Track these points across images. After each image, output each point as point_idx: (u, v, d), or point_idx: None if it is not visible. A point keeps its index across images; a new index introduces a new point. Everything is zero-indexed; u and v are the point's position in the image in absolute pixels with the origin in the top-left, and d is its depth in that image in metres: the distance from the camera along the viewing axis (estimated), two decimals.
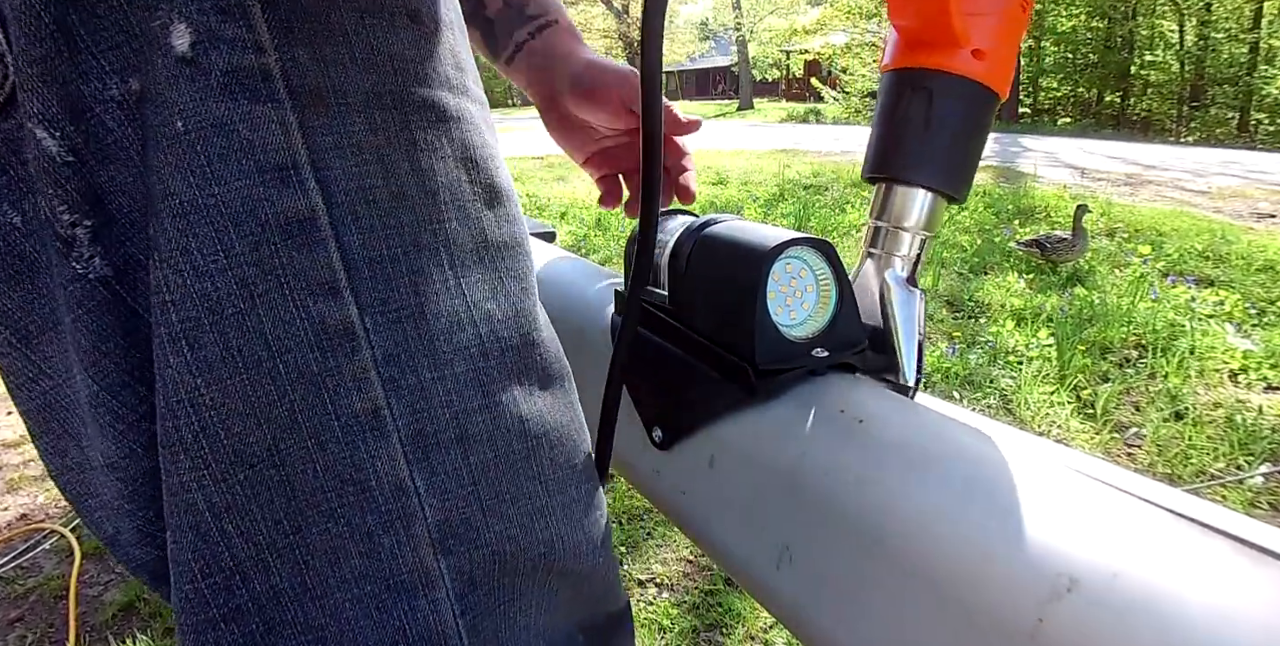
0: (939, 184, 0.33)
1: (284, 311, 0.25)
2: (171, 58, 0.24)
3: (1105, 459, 0.90)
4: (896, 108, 0.33)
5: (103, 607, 1.36)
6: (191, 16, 0.24)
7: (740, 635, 1.24)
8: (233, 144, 0.24)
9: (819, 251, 0.33)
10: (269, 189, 0.24)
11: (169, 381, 0.24)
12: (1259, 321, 2.42)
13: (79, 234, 0.25)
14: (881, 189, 0.35)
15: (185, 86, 0.24)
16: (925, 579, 0.23)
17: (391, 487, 0.27)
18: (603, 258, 3.57)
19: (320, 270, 0.25)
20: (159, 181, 0.24)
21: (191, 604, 0.25)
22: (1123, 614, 0.18)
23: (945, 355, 2.24)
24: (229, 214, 0.24)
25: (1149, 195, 4.83)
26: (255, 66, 0.24)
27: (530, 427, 0.30)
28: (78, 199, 0.25)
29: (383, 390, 0.27)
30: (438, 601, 0.27)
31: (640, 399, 0.40)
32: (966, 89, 0.31)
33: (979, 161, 0.34)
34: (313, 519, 0.26)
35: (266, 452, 0.25)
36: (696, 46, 29.79)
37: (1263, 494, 1.55)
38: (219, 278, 0.24)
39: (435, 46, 0.29)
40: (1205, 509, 0.20)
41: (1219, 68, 12.17)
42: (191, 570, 0.25)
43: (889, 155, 0.34)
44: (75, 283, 0.26)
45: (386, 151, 0.27)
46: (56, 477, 0.30)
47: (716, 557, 0.34)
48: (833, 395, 0.31)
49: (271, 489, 0.25)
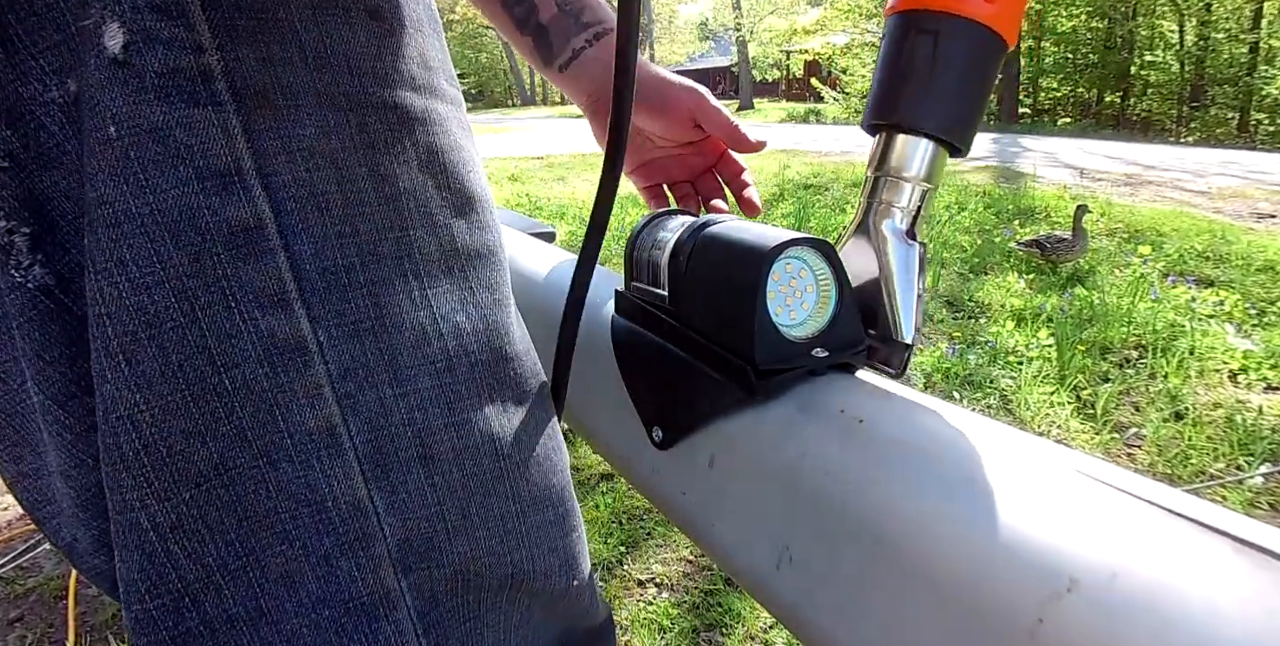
0: (943, 131, 0.32)
1: (229, 324, 0.24)
2: (105, 59, 0.23)
3: (1105, 459, 0.90)
4: (901, 52, 0.32)
5: (103, 607, 1.36)
6: (125, 15, 0.23)
7: (740, 635, 1.24)
8: (168, 149, 0.23)
9: (819, 251, 0.33)
10: (209, 196, 0.23)
11: (107, 397, 0.23)
12: (1259, 321, 2.42)
13: (17, 241, 0.24)
14: (882, 138, 0.33)
15: (118, 89, 0.23)
16: (925, 579, 0.23)
17: (349, 507, 0.26)
18: (602, 257, 3.56)
19: (268, 281, 0.24)
20: (92, 189, 0.23)
21: (141, 624, 0.24)
22: (1122, 614, 0.18)
23: (945, 355, 2.24)
24: (165, 223, 0.23)
25: (1149, 195, 4.83)
26: (194, 67, 0.23)
27: (501, 447, 0.29)
28: (15, 205, 0.24)
29: (338, 407, 0.26)
30: (399, 622, 0.26)
31: (640, 399, 0.40)
32: (975, 32, 0.30)
33: (983, 112, 0.33)
34: (266, 540, 0.25)
35: (214, 471, 0.24)
36: (696, 46, 29.80)
37: (1263, 494, 1.55)
38: (156, 290, 0.23)
39: (398, 45, 0.28)
40: (1205, 509, 0.20)
41: (1219, 68, 12.17)
42: (139, 590, 0.24)
43: (891, 101, 0.32)
44: (14, 292, 0.25)
45: (340, 155, 0.26)
46: (12, 485, 0.29)
47: (716, 557, 0.34)
48: (833, 395, 0.31)
49: (221, 509, 0.24)
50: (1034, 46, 13.68)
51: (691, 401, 0.35)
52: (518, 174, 6.66)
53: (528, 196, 5.31)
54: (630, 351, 0.40)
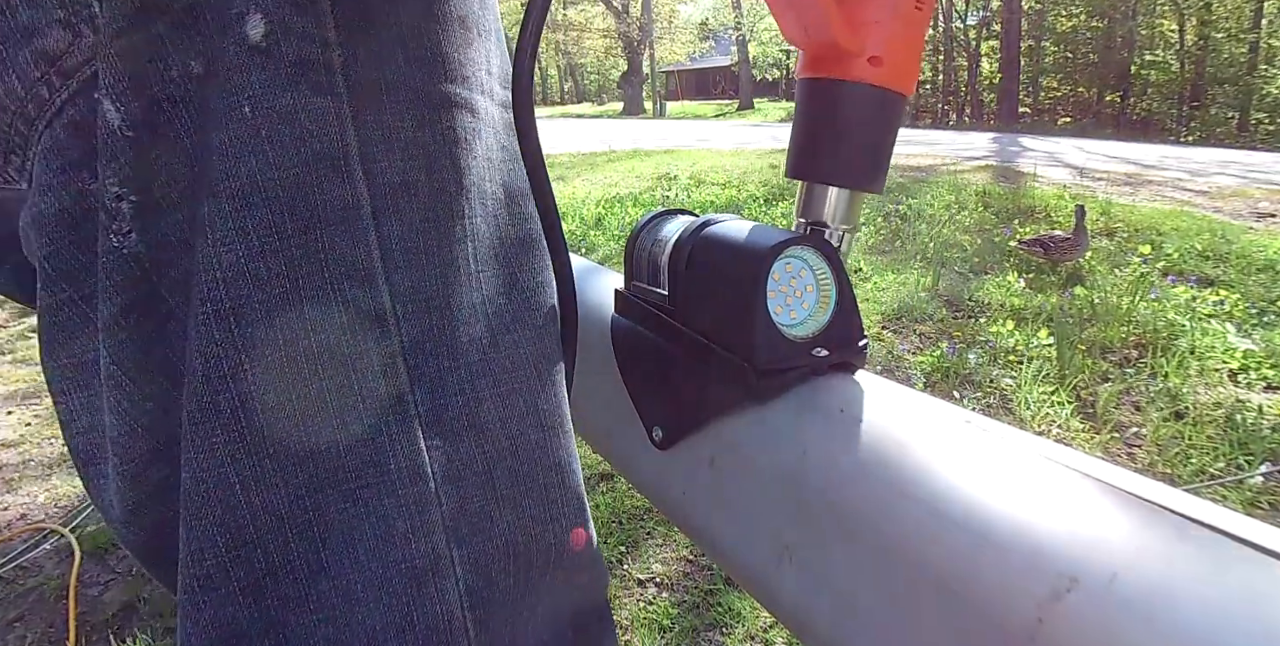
0: (850, 183, 0.35)
1: (322, 293, 0.26)
2: (245, 45, 0.25)
3: (1105, 459, 0.90)
4: (807, 114, 0.35)
5: (103, 607, 1.36)
6: (267, 8, 0.25)
7: (740, 635, 1.24)
8: (295, 131, 0.25)
9: (819, 251, 0.33)
10: (321, 176, 0.26)
11: (210, 356, 0.25)
12: (1259, 321, 2.42)
13: (124, 208, 0.26)
14: (802, 187, 0.36)
15: (255, 74, 0.25)
16: (925, 578, 0.23)
17: (410, 473, 0.27)
18: (602, 257, 3.57)
19: (359, 256, 0.27)
20: (220, 161, 0.25)
21: (211, 579, 0.25)
22: (1123, 614, 0.18)
23: (945, 355, 2.24)
24: (286, 198, 0.25)
25: (1149, 195, 4.83)
26: (320, 59, 0.26)
27: (543, 418, 0.31)
28: (129, 173, 0.26)
29: (408, 377, 0.27)
30: (445, 592, 0.28)
31: (640, 399, 0.40)
32: (867, 94, 0.33)
33: (890, 154, 0.36)
34: (331, 497, 0.26)
35: (294, 428, 0.26)
36: (696, 46, 29.79)
37: (1263, 494, 1.55)
38: (271, 258, 0.25)
39: (478, 50, 0.31)
40: (1205, 509, 0.20)
41: (1219, 68, 12.17)
42: (216, 544, 0.25)
43: (804, 157, 0.35)
44: (109, 255, 0.27)
45: (431, 147, 0.28)
46: (70, 439, 0.31)
47: (716, 557, 0.34)
48: (833, 395, 0.31)
49: (296, 464, 0.26)
50: (1034, 46, 13.67)
51: (691, 401, 0.35)
52: None
53: None
54: (630, 351, 0.40)
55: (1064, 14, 13.28)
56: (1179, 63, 12.38)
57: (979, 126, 13.30)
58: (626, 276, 0.40)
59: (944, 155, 7.17)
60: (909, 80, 0.34)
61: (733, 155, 7.31)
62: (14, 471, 1.87)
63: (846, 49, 0.32)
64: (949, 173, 5.79)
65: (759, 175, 5.74)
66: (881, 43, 0.32)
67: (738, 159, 6.87)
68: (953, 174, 5.67)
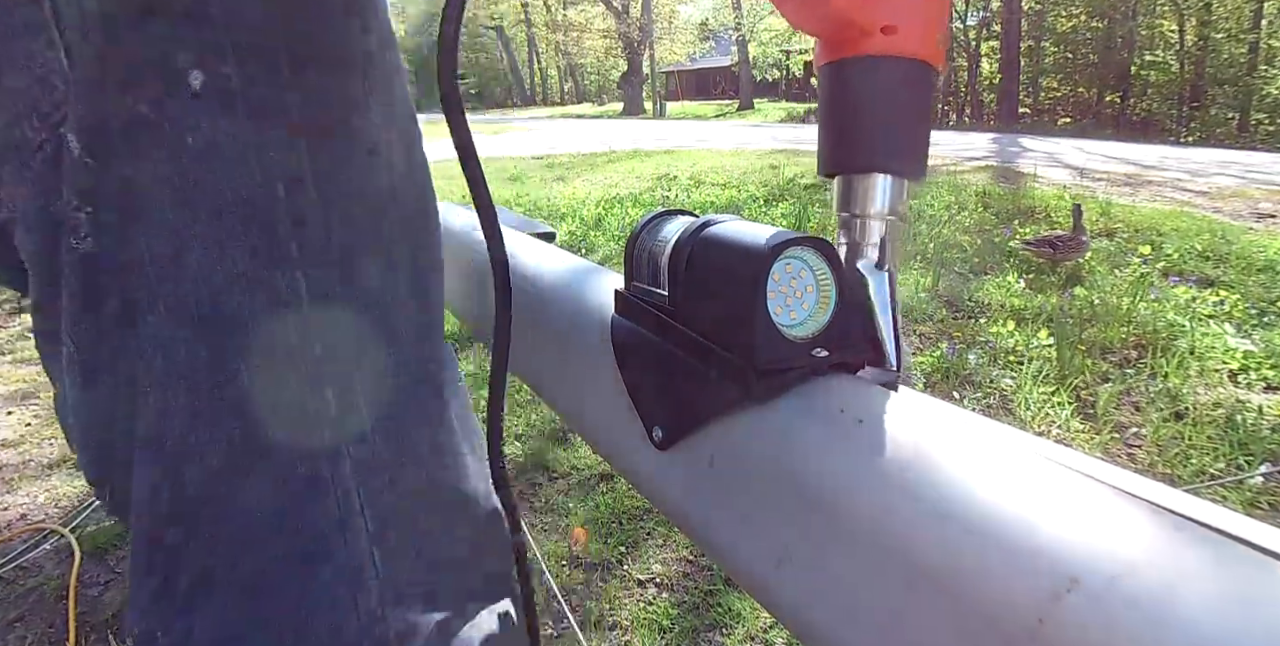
0: (883, 166, 0.33)
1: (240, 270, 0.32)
2: (188, 93, 0.30)
3: (1105, 459, 0.90)
4: (829, 102, 0.33)
5: (103, 607, 1.36)
6: (205, 65, 0.30)
7: (740, 635, 1.24)
8: (232, 154, 0.31)
9: (819, 251, 0.33)
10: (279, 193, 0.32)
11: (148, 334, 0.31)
12: (1259, 321, 2.42)
13: (82, 219, 0.32)
14: (840, 181, 0.35)
15: (199, 115, 0.30)
16: (925, 579, 0.23)
17: (311, 418, 0.33)
18: (602, 257, 3.57)
19: (277, 248, 0.33)
20: (178, 177, 0.31)
21: (153, 537, 0.32)
22: (1123, 614, 0.18)
23: (945, 355, 2.24)
24: (244, 212, 0.31)
25: (1149, 195, 4.83)
26: (253, 98, 0.31)
27: (433, 382, 0.39)
28: (86, 192, 0.32)
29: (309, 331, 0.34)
30: (346, 493, 0.34)
31: (640, 399, 0.40)
32: (888, 67, 0.31)
33: (928, 135, 0.34)
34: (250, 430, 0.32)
35: (218, 386, 0.32)
36: (696, 47, 29.79)
37: (1263, 494, 1.55)
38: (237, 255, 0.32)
39: (394, 96, 0.38)
40: (1205, 509, 0.20)
41: (1219, 68, 12.17)
42: (147, 507, 0.31)
43: (842, 147, 0.34)
44: (69, 254, 0.32)
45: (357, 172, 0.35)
46: (63, 420, 0.38)
47: (716, 557, 0.34)
48: (833, 395, 0.31)
49: (225, 425, 0.32)
50: (1034, 46, 13.68)
51: (691, 401, 0.35)
52: (518, 173, 6.66)
53: (528, 196, 5.31)
54: (630, 351, 0.40)
55: (1064, 14, 13.29)
56: (1179, 63, 12.39)
57: (979, 127, 13.30)
58: (626, 277, 0.40)
59: (944, 155, 7.17)
60: (930, 46, 0.31)
61: (733, 156, 7.32)
62: (14, 471, 1.87)
63: (856, 22, 0.30)
64: (949, 173, 5.79)
65: (759, 176, 5.75)
66: (892, 9, 0.30)
67: (738, 159, 6.87)
68: (952, 174, 5.68)
